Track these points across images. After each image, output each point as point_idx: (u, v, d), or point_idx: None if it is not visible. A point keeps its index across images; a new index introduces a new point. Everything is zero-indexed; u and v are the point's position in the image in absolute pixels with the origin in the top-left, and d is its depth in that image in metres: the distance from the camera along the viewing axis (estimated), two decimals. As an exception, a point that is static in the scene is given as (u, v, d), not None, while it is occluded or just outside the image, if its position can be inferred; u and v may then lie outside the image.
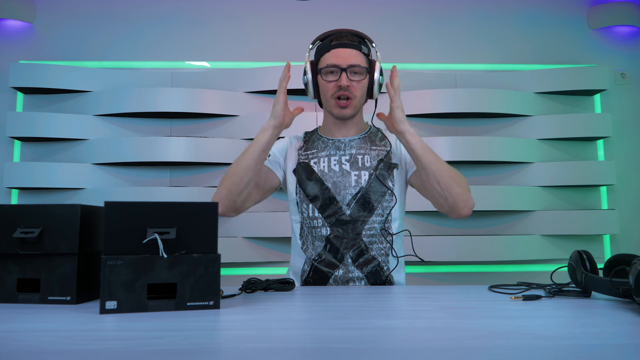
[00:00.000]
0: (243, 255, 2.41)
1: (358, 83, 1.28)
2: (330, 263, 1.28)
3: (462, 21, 2.71)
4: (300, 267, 1.33)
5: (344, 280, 1.26)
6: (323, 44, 1.32)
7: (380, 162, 1.31)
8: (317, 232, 1.30)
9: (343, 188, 1.29)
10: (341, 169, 1.31)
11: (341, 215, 1.28)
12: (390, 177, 1.31)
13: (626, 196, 2.61)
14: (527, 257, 2.45)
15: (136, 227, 0.85)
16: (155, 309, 0.84)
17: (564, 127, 2.55)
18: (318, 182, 1.30)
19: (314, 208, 1.30)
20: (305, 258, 1.32)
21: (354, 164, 1.31)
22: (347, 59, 1.27)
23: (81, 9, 2.62)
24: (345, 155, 1.33)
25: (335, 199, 1.28)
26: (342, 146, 1.35)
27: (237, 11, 2.67)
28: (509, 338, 0.64)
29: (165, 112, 2.45)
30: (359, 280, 1.26)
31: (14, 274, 0.94)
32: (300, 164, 1.35)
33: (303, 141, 1.42)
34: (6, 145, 2.50)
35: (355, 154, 1.33)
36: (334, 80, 1.28)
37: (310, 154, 1.37)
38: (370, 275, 1.27)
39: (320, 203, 1.29)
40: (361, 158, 1.32)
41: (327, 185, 1.29)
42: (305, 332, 0.69)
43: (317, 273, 1.29)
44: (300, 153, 1.38)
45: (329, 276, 1.27)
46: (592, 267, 0.99)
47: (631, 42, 2.73)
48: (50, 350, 0.59)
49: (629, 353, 0.57)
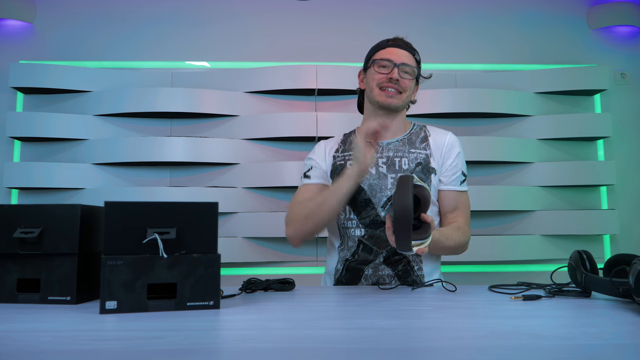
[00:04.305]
0: (243, 255, 2.41)
1: (408, 80, 1.32)
2: (363, 261, 1.28)
3: (462, 21, 2.71)
4: (334, 267, 1.34)
5: (374, 279, 1.27)
6: (379, 43, 1.37)
7: (418, 165, 1.31)
8: (350, 233, 1.31)
9: (379, 190, 1.29)
10: (378, 172, 1.30)
11: (376, 217, 1.28)
12: (428, 181, 1.30)
13: (626, 196, 2.61)
14: (527, 257, 2.45)
15: (136, 227, 0.85)
16: (155, 309, 0.84)
17: (564, 127, 2.55)
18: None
19: (350, 210, 1.31)
20: (339, 257, 1.33)
21: (391, 166, 1.31)
22: (402, 57, 1.31)
23: (81, 9, 2.62)
24: (383, 158, 1.32)
25: (371, 201, 1.28)
26: (379, 149, 1.33)
27: (237, 11, 2.67)
28: (509, 338, 0.64)
29: (165, 112, 2.45)
30: (389, 278, 1.26)
31: (14, 274, 0.94)
32: (337, 166, 1.35)
33: (340, 143, 1.41)
34: (6, 145, 2.50)
35: (393, 156, 1.32)
36: (385, 73, 1.30)
37: (347, 156, 1.36)
38: (401, 274, 1.26)
39: (355, 204, 1.29)
40: (398, 161, 1.31)
41: (364, 187, 1.29)
42: (305, 332, 0.69)
43: (349, 272, 1.30)
44: (336, 156, 1.38)
45: (361, 275, 1.28)
46: (592, 267, 0.99)
47: (631, 42, 2.73)
48: (50, 350, 0.59)
49: (629, 353, 0.57)
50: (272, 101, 2.55)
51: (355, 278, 1.29)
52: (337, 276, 1.32)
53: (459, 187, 1.35)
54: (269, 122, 2.47)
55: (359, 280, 1.28)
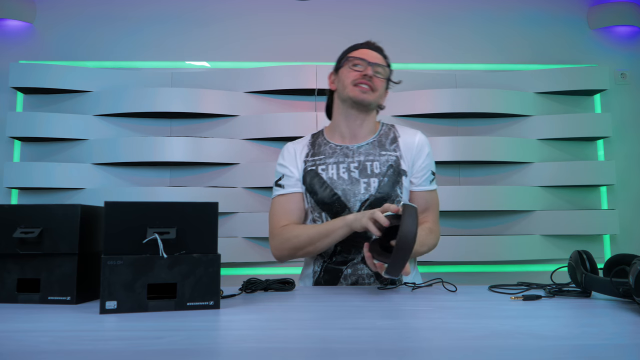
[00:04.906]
0: (243, 255, 2.41)
1: (380, 80, 1.33)
2: (341, 262, 1.29)
3: (462, 21, 2.71)
4: (312, 269, 1.34)
5: (353, 279, 1.27)
6: (351, 46, 1.40)
7: (389, 169, 1.31)
8: None
9: (353, 195, 1.29)
10: (350, 177, 1.30)
11: None
12: (399, 184, 1.31)
13: (626, 196, 2.61)
14: (527, 257, 2.45)
15: (136, 227, 0.85)
16: (155, 309, 0.84)
17: (564, 127, 2.55)
18: (328, 189, 1.30)
19: (326, 216, 1.31)
20: (316, 260, 1.33)
21: (363, 171, 1.31)
22: (375, 58, 1.34)
23: (81, 9, 2.62)
24: (354, 162, 1.32)
25: (346, 206, 1.28)
26: (350, 153, 1.34)
27: (237, 11, 2.67)
28: (509, 338, 0.64)
29: (165, 112, 2.45)
30: (368, 278, 1.27)
31: (14, 274, 0.94)
32: (308, 172, 1.34)
33: (309, 145, 1.40)
34: (6, 145, 2.50)
35: (364, 160, 1.32)
36: (359, 71, 1.32)
37: (317, 160, 1.35)
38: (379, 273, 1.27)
39: (331, 210, 1.30)
40: (370, 165, 1.31)
41: (337, 192, 1.29)
42: (305, 332, 0.69)
43: (327, 273, 1.30)
44: (306, 160, 1.36)
45: (340, 275, 1.28)
46: (592, 267, 0.99)
47: (631, 42, 2.73)
48: (50, 350, 0.59)
49: (629, 353, 0.57)
50: (272, 101, 2.55)
51: (334, 279, 1.29)
52: (316, 278, 1.32)
53: (429, 187, 1.34)
54: (269, 122, 2.47)
55: (338, 281, 1.28)
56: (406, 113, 2.53)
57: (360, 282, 1.27)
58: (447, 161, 2.49)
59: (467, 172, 2.58)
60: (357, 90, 1.31)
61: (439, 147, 2.46)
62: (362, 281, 1.27)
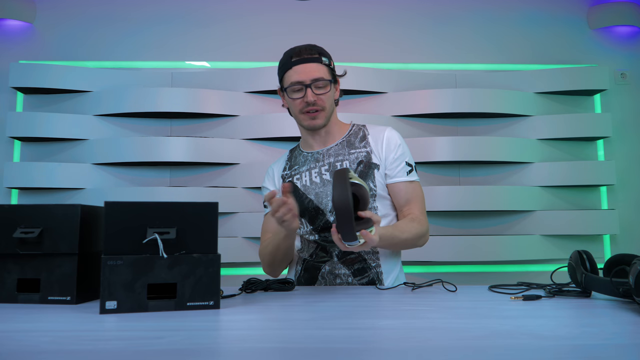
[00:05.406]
0: (243, 255, 2.41)
1: (324, 95, 1.30)
2: (320, 260, 1.31)
3: (462, 21, 2.71)
4: (294, 269, 1.38)
5: (331, 278, 1.29)
6: (283, 61, 1.35)
7: (360, 164, 1.32)
8: (307, 238, 1.35)
9: (324, 197, 1.31)
10: (322, 180, 1.33)
11: (326, 222, 1.30)
12: (371, 177, 1.31)
13: (626, 196, 2.61)
14: (527, 257, 2.45)
15: (136, 227, 0.85)
16: (155, 309, 0.84)
17: (564, 127, 2.55)
18: (302, 196, 1.33)
19: (305, 221, 1.34)
20: (298, 259, 1.38)
21: (333, 171, 1.32)
22: (310, 73, 1.28)
23: (81, 9, 2.62)
24: (325, 165, 1.34)
25: (319, 208, 1.31)
26: (320, 157, 1.36)
27: (237, 11, 2.67)
28: (509, 338, 0.64)
29: (165, 112, 2.45)
30: (345, 277, 1.28)
31: (14, 274, 0.94)
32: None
33: (287, 160, 1.44)
34: (6, 145, 2.50)
35: (334, 162, 1.34)
36: (300, 97, 1.29)
37: (293, 172, 1.39)
38: (357, 272, 1.28)
39: (308, 216, 1.32)
40: (340, 165, 1.32)
41: (310, 197, 1.32)
42: (305, 332, 0.69)
43: (307, 271, 1.33)
44: (284, 175, 1.41)
45: (318, 273, 1.30)
46: (592, 267, 0.99)
47: (631, 42, 2.72)
48: (50, 350, 0.59)
49: (629, 353, 0.57)
50: (272, 101, 2.55)
51: (312, 277, 1.31)
52: (297, 277, 1.36)
53: (406, 178, 1.32)
54: (269, 122, 2.47)
55: (317, 279, 1.31)
56: (406, 113, 2.53)
57: (339, 281, 1.28)
58: (447, 161, 2.49)
59: (467, 172, 2.58)
60: (307, 118, 1.31)
61: (439, 147, 2.46)
62: (340, 280, 1.28)
